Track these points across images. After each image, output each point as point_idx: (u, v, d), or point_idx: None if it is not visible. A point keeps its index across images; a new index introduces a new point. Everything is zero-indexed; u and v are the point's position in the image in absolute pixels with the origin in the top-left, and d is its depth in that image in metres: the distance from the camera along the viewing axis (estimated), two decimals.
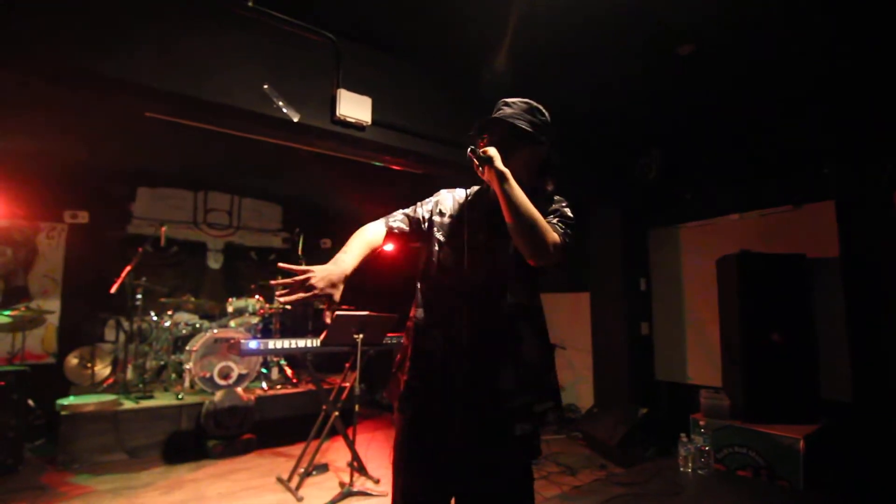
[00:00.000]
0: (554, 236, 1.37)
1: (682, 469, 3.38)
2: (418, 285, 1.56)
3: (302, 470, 3.40)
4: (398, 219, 1.62)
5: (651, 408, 4.14)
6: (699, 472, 3.29)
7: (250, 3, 2.70)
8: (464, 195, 1.62)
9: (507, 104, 1.54)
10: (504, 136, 1.48)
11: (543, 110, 1.56)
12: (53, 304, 5.19)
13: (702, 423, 3.56)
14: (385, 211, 1.68)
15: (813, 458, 3.13)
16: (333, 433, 3.43)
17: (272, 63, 2.86)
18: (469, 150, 1.41)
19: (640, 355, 4.87)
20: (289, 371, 5.25)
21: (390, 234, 1.60)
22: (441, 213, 1.60)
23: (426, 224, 1.60)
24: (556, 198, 1.57)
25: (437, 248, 1.54)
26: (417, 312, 1.53)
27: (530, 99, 1.57)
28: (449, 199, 1.63)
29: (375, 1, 2.83)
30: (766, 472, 3.26)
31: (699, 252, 4.63)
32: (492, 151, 1.38)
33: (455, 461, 1.41)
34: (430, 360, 1.44)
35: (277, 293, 1.31)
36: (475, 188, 1.65)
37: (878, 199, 3.56)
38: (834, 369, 3.61)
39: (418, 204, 1.66)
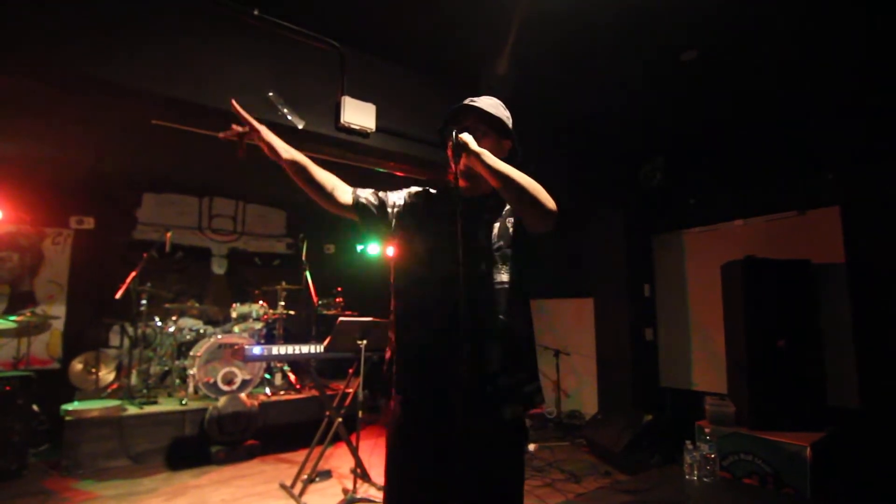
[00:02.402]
0: (549, 197, 1.38)
1: (687, 476, 3.35)
2: (393, 277, 1.55)
3: (305, 476, 3.40)
4: (367, 193, 1.60)
5: (656, 414, 4.11)
6: (705, 479, 3.26)
7: (256, 12, 2.73)
8: (434, 190, 1.64)
9: (472, 99, 1.55)
10: (472, 125, 1.48)
11: (505, 107, 1.59)
12: (59, 310, 5.21)
13: (707, 429, 3.54)
14: None
15: (820, 466, 3.10)
16: (337, 439, 3.42)
17: (277, 70, 2.88)
18: (448, 146, 1.41)
19: (644, 361, 4.84)
20: (292, 377, 5.25)
21: (356, 204, 1.57)
22: (413, 204, 1.60)
23: (396, 209, 1.59)
24: None
25: (411, 236, 1.53)
26: (397, 305, 1.53)
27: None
28: (420, 191, 1.64)
29: (380, 9, 2.85)
30: (772, 480, 3.23)
31: (704, 258, 4.61)
32: (465, 136, 1.39)
33: (449, 457, 1.39)
34: (415, 352, 1.44)
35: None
36: (439, 188, 1.66)
37: (883, 205, 3.55)
38: (840, 376, 3.59)
39: (387, 191, 1.65)
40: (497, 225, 1.49)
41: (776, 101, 3.81)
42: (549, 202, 1.36)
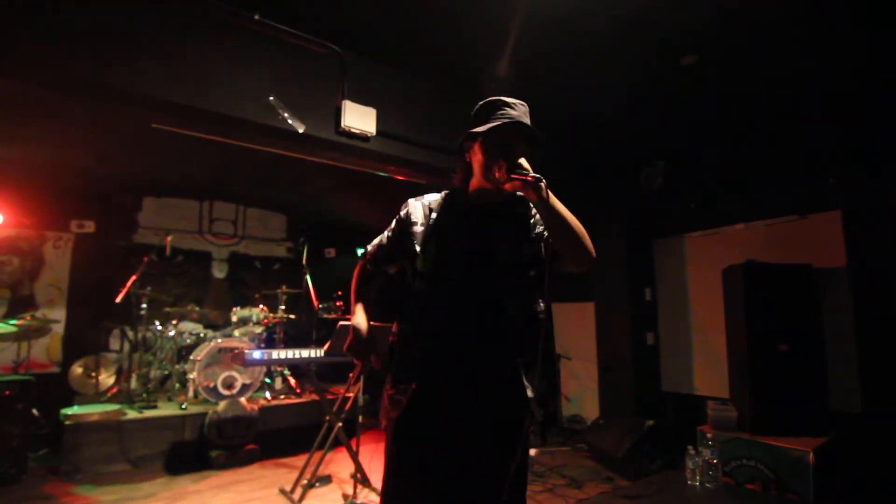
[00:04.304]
0: (591, 244, 1.37)
1: (689, 482, 3.32)
2: (402, 298, 1.53)
3: (305, 481, 3.38)
4: (371, 253, 1.65)
5: (657, 419, 4.10)
6: (707, 485, 3.24)
7: (257, 17, 2.74)
8: (435, 200, 1.57)
9: (509, 105, 1.46)
10: (518, 142, 1.42)
11: None
12: (59, 314, 5.21)
13: (709, 435, 3.52)
14: (388, 220, 1.66)
15: (823, 471, 3.08)
16: (337, 444, 3.40)
17: (278, 75, 2.89)
18: (516, 168, 1.33)
19: (645, 366, 4.83)
20: (292, 381, 5.24)
21: (376, 270, 1.63)
22: (413, 223, 1.53)
23: (399, 238, 1.56)
24: None
25: (415, 257, 1.49)
26: (403, 326, 1.50)
27: (535, 108, 1.56)
28: (418, 207, 1.56)
29: (380, 14, 2.86)
30: (775, 486, 3.21)
31: (704, 262, 4.60)
32: (531, 171, 1.34)
33: (456, 472, 1.39)
34: (426, 372, 1.41)
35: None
36: (444, 193, 1.59)
37: (885, 209, 3.54)
38: (843, 380, 3.57)
39: (390, 227, 1.63)
40: (524, 245, 1.46)
41: (777, 105, 3.81)
42: (592, 251, 1.35)
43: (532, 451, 4.23)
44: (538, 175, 1.31)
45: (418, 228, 1.52)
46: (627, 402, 4.69)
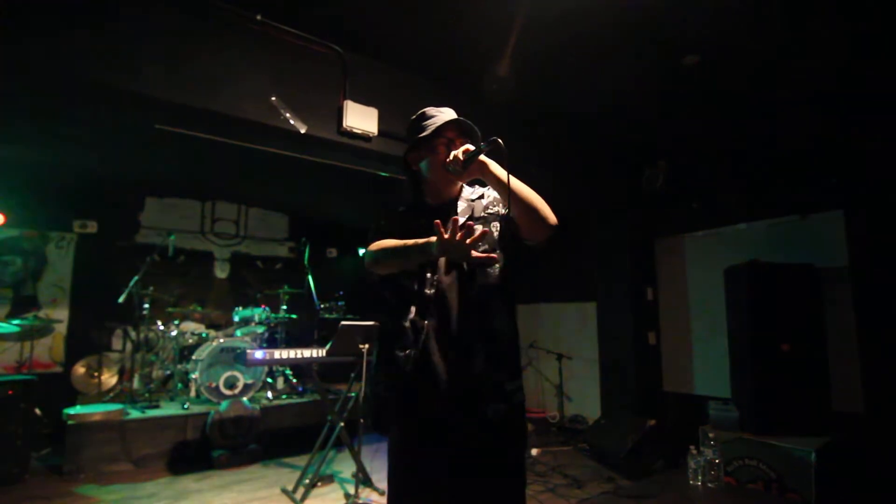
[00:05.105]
0: (551, 211, 1.41)
1: (691, 482, 3.32)
2: (386, 295, 1.57)
3: (307, 481, 3.39)
4: (376, 234, 1.64)
5: (659, 419, 4.10)
6: (709, 485, 3.24)
7: (258, 17, 2.74)
8: (400, 209, 1.65)
9: (438, 111, 1.60)
10: (455, 136, 1.54)
11: None
12: (62, 313, 5.22)
13: (711, 434, 3.51)
14: None
15: (825, 471, 3.07)
16: (339, 444, 3.41)
17: (280, 75, 2.89)
18: (463, 154, 1.42)
19: (647, 366, 4.83)
20: (294, 381, 5.25)
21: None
22: (392, 226, 1.61)
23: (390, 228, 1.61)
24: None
25: None
26: (386, 322, 1.54)
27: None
28: (393, 215, 1.65)
29: (382, 14, 2.86)
30: (776, 486, 3.20)
31: (706, 261, 4.60)
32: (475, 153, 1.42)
33: (446, 464, 1.41)
34: (406, 366, 1.42)
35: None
36: (407, 203, 1.67)
37: (887, 208, 3.53)
38: (845, 380, 3.57)
39: (375, 225, 1.66)
40: (478, 229, 1.49)
41: (779, 105, 3.80)
42: (551, 216, 1.41)
43: (534, 451, 4.23)
44: (492, 138, 1.37)
45: (397, 231, 1.57)
46: (629, 402, 4.68)
